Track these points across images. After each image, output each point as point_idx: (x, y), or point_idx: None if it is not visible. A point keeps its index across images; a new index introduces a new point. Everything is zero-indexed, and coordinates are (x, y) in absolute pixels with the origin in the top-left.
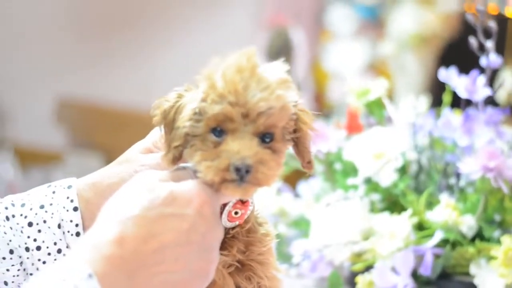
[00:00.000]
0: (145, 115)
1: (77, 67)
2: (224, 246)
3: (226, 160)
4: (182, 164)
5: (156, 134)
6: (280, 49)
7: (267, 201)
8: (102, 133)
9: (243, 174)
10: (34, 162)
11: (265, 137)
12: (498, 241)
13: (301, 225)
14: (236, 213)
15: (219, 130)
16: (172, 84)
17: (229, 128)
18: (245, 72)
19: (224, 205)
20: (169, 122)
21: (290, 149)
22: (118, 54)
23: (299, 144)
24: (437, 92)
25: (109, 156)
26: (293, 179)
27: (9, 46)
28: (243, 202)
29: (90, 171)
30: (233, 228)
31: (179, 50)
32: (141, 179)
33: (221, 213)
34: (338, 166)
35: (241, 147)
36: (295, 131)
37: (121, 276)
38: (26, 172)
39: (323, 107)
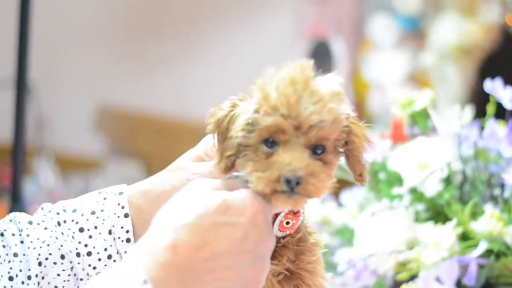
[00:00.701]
0: (183, 123)
1: (118, 74)
2: (274, 255)
3: (277, 171)
4: (234, 173)
5: (208, 142)
6: (321, 59)
7: (311, 210)
8: (141, 140)
9: (293, 186)
10: (74, 170)
11: (317, 149)
12: None
13: (345, 234)
14: (287, 223)
15: (271, 141)
16: (211, 93)
17: (281, 140)
18: (298, 84)
19: (276, 215)
20: (223, 131)
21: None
22: (159, 62)
23: (351, 157)
24: (478, 103)
25: (149, 163)
26: (337, 188)
27: (50, 52)
28: (294, 213)
29: (130, 178)
30: (283, 237)
31: (218, 58)
32: (195, 187)
33: (273, 222)
34: (382, 175)
35: (292, 159)
36: (347, 143)
37: (175, 282)
38: (66, 179)
39: (363, 118)
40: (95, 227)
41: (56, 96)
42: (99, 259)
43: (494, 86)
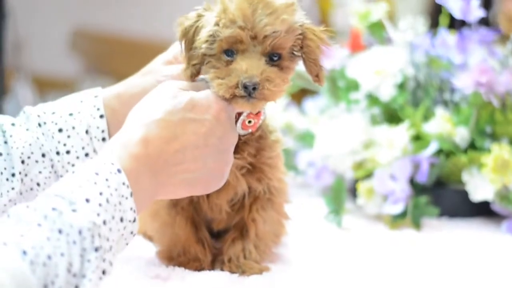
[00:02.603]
0: (156, 43)
1: None
2: (237, 150)
3: (235, 78)
4: (200, 76)
5: (177, 48)
6: None
7: (275, 116)
8: (115, 61)
9: (250, 91)
10: (51, 89)
11: (273, 56)
12: (489, 151)
13: (307, 139)
14: (249, 122)
15: (231, 50)
16: (182, 13)
17: (239, 49)
18: None
19: (239, 114)
20: (189, 41)
21: (299, 67)
22: None
23: (307, 60)
24: (434, 15)
25: None
26: (299, 96)
27: None
28: (255, 113)
29: None
30: (244, 135)
31: None
32: (164, 88)
33: (236, 121)
34: (341, 83)
35: (249, 66)
36: (302, 47)
37: (146, 172)
38: (43, 98)
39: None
40: (73, 128)
41: (33, 19)
42: (77, 157)
43: None
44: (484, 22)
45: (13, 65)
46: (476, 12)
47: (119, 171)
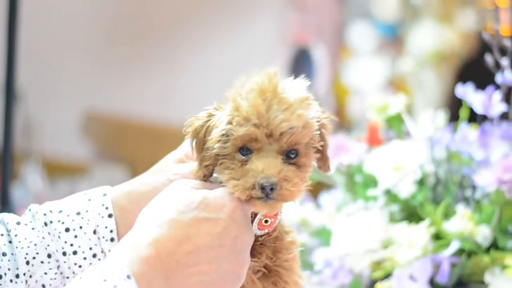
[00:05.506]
0: (169, 128)
1: (104, 81)
2: (253, 252)
3: (251, 179)
4: (214, 175)
5: (188, 146)
6: (302, 66)
7: (290, 211)
8: (127, 145)
9: (268, 192)
10: (61, 174)
11: (290, 154)
12: None
13: (323, 235)
14: (266, 221)
15: (245, 149)
16: (195, 97)
17: (255, 148)
18: (267, 93)
19: (255, 214)
20: (200, 141)
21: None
22: (143, 68)
23: (324, 152)
24: (454, 108)
25: (134, 168)
26: (315, 190)
27: (37, 58)
28: None
29: (115, 183)
30: (261, 235)
31: (202, 64)
32: (176, 187)
33: (252, 221)
34: (358, 178)
35: (265, 165)
36: (321, 140)
37: (158, 276)
38: (53, 184)
39: (343, 122)
40: (80, 227)
41: (44, 102)
42: (85, 258)
43: (466, 91)
44: (506, 116)
45: (23, 149)
46: (498, 107)
47: (128, 277)
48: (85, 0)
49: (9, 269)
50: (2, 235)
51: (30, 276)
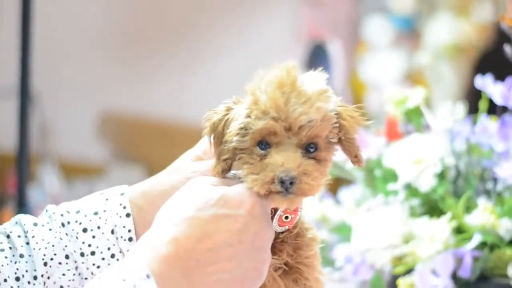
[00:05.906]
0: (184, 127)
1: (119, 81)
2: (274, 250)
3: (271, 173)
4: (232, 172)
5: (206, 143)
6: (318, 61)
7: (309, 208)
8: (143, 145)
9: (287, 186)
10: (78, 175)
11: (309, 148)
12: None
13: (343, 231)
14: (286, 218)
15: (264, 143)
16: (210, 96)
17: (274, 141)
18: (285, 87)
19: (275, 210)
20: (218, 135)
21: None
22: (158, 68)
23: (344, 141)
24: (473, 100)
25: (151, 168)
26: (334, 186)
27: (52, 60)
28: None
29: (132, 183)
30: (282, 232)
31: (216, 63)
32: (194, 184)
33: (272, 217)
34: (378, 172)
35: (285, 159)
36: (339, 129)
37: (177, 274)
38: (70, 185)
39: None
40: (98, 227)
41: (59, 104)
42: (103, 258)
43: (485, 83)
44: None
45: (39, 151)
46: None
47: (148, 276)
48: (99, 1)
49: (26, 271)
50: (19, 236)
51: (48, 278)
